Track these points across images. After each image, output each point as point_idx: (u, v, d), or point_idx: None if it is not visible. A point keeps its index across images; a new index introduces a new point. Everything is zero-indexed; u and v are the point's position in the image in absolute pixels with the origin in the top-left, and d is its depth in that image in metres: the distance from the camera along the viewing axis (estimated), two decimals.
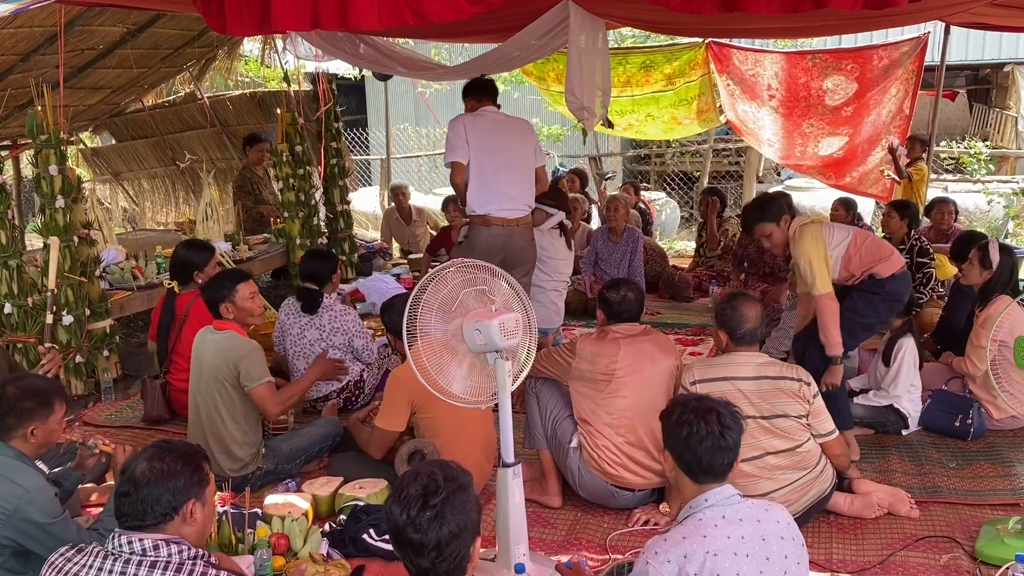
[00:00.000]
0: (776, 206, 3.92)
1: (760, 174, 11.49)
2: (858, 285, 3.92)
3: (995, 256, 4.39)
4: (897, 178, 7.68)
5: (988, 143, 12.55)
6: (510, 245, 4.81)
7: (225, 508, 3.29)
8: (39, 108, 4.85)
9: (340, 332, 4.69)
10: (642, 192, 9.95)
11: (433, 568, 1.89)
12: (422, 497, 1.89)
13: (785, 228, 3.90)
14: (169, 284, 4.81)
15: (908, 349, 4.27)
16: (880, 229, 6.41)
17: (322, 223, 7.69)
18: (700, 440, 2.22)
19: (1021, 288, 4.58)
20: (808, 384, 3.29)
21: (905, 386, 4.26)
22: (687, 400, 2.40)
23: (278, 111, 7.43)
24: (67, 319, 4.87)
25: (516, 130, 4.97)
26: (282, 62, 8.38)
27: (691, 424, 2.25)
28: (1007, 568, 2.84)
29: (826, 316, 3.72)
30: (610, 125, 7.94)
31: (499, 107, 5.07)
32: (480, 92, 5.00)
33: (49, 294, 4.75)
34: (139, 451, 2.17)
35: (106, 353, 5.19)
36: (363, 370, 4.75)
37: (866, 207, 9.05)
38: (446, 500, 1.88)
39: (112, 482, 3.37)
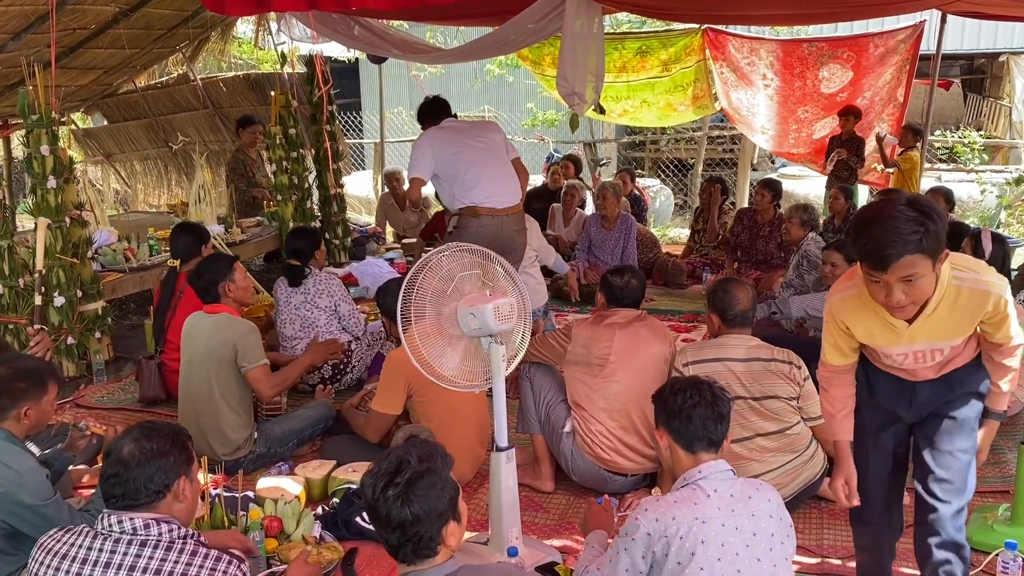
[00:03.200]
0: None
1: (755, 162, 11.51)
2: None
3: (987, 246, 4.39)
4: (886, 168, 7.69)
5: (982, 133, 12.58)
6: (500, 235, 4.79)
7: (218, 491, 3.29)
8: (30, 87, 4.81)
9: (325, 294, 4.74)
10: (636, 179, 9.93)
11: (400, 546, 1.91)
12: (389, 475, 1.90)
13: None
14: (173, 263, 4.79)
15: None
16: None
17: (315, 206, 7.67)
18: (694, 405, 2.28)
19: (1013, 277, 4.59)
20: (799, 367, 3.30)
21: None
22: (677, 379, 2.50)
23: (272, 93, 7.40)
24: (59, 300, 4.84)
25: (483, 127, 5.15)
26: (276, 44, 8.32)
27: (685, 391, 2.32)
28: (996, 555, 2.87)
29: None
30: (601, 111, 7.93)
31: (456, 117, 5.18)
32: (436, 112, 5.03)
33: (37, 275, 4.72)
34: (121, 434, 2.15)
35: (98, 335, 5.17)
36: (351, 341, 4.77)
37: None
38: (411, 482, 1.88)
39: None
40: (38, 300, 4.72)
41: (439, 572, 1.91)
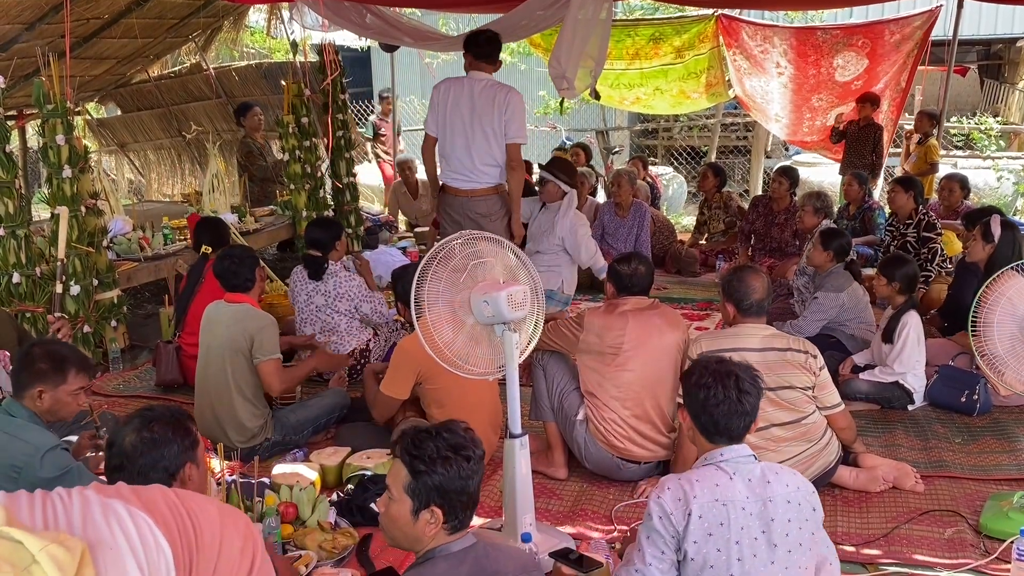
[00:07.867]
0: None
1: (768, 149, 11.44)
2: None
3: (996, 230, 4.35)
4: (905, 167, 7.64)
5: (999, 119, 12.46)
6: (464, 217, 4.79)
7: (234, 477, 3.31)
8: (45, 78, 4.83)
9: (345, 298, 4.73)
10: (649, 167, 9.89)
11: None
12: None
13: None
14: (205, 249, 4.83)
15: (912, 326, 4.23)
16: (888, 206, 6.38)
17: (328, 195, 7.68)
18: (717, 404, 2.23)
19: None
20: (815, 356, 3.28)
21: (910, 363, 4.24)
22: (708, 362, 2.37)
23: (284, 82, 7.40)
24: (75, 289, 4.88)
25: (489, 99, 4.77)
26: (288, 33, 8.32)
27: (709, 388, 2.26)
28: (1011, 542, 2.86)
29: None
30: (597, 96, 7.92)
31: (498, 66, 4.89)
32: (478, 50, 4.80)
33: (59, 264, 4.76)
34: (123, 422, 2.13)
35: (113, 323, 5.21)
36: (369, 340, 4.78)
37: None
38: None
39: None
40: (59, 288, 4.75)
41: (458, 546, 1.98)
